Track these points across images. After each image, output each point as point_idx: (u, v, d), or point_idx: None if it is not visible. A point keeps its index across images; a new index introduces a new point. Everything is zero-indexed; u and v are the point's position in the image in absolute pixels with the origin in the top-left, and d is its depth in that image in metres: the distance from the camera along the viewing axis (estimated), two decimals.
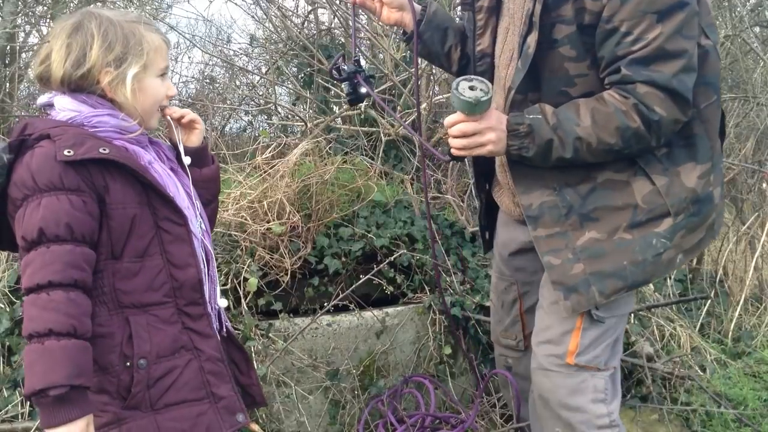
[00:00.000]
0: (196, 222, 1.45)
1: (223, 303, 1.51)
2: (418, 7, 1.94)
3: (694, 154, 1.66)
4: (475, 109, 1.56)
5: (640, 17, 1.50)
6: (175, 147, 1.53)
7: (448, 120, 1.62)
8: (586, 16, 1.56)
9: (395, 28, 4.19)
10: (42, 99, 1.42)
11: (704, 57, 1.61)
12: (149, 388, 1.32)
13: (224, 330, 1.50)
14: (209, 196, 1.56)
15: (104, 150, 1.29)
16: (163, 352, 1.34)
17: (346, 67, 1.89)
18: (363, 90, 1.89)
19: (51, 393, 1.17)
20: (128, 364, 1.30)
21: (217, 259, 2.47)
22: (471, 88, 1.56)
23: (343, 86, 1.99)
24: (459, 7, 2.06)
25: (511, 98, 1.68)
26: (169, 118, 1.51)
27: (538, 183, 1.70)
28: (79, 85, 1.37)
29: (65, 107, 1.37)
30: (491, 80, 1.83)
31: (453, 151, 1.65)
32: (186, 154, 1.51)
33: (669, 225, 1.64)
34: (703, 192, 1.66)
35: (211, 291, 1.46)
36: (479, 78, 1.59)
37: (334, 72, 1.90)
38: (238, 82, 4.88)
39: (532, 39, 1.60)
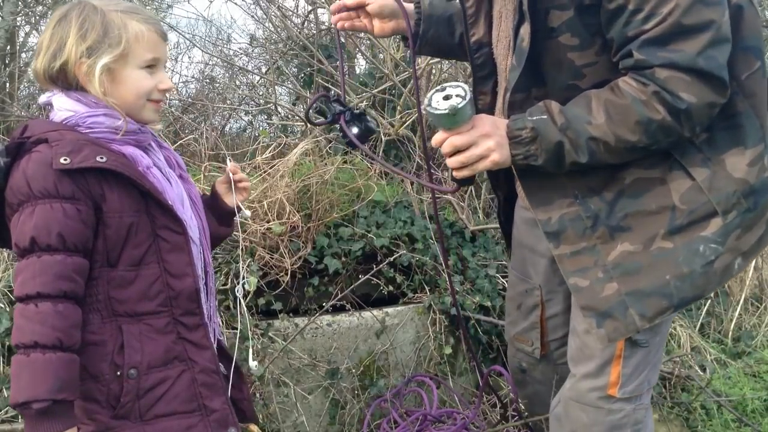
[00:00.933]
0: (197, 231, 1.43)
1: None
2: (410, 7, 1.76)
3: (740, 136, 1.39)
4: (456, 119, 1.36)
5: None
6: (215, 196, 1.61)
7: (434, 140, 1.41)
8: None
9: None
10: (42, 98, 1.39)
11: (738, 16, 1.34)
12: (139, 398, 1.30)
13: (216, 344, 1.47)
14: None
15: (102, 158, 1.26)
16: (155, 363, 1.32)
17: (334, 107, 1.68)
18: (354, 130, 1.66)
19: (33, 406, 1.17)
20: (119, 373, 1.28)
21: (217, 259, 2.47)
22: (445, 98, 1.37)
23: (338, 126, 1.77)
24: None
25: (509, 100, 1.47)
26: (231, 176, 1.58)
27: (555, 192, 1.47)
28: (62, 80, 1.33)
29: (62, 107, 1.34)
30: (493, 72, 1.65)
31: (454, 173, 1.43)
32: (225, 211, 1.60)
33: (718, 226, 1.38)
34: (757, 180, 1.39)
35: (210, 303, 1.45)
36: (451, 83, 1.40)
37: (311, 114, 1.68)
38: (238, 82, 4.88)
39: (525, 31, 1.38)
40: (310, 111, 1.72)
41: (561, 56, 1.40)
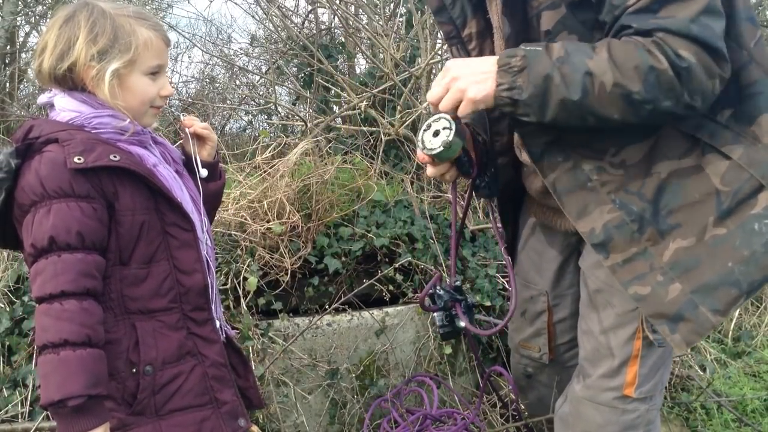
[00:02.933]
0: (202, 227, 1.44)
1: (204, 172, 1.50)
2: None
3: (764, 102, 1.34)
4: (453, 148, 1.39)
5: None
6: (186, 156, 1.53)
7: (419, 157, 1.41)
8: None
9: (395, 27, 4.22)
10: (42, 98, 1.39)
11: None
12: (155, 394, 1.31)
13: (223, 334, 1.49)
14: (209, 208, 1.54)
15: (115, 157, 1.27)
16: (169, 359, 1.34)
17: (441, 293, 1.59)
18: (461, 324, 1.58)
19: (69, 404, 1.17)
20: (134, 370, 1.30)
21: (217, 259, 2.47)
22: (435, 134, 1.39)
23: (434, 315, 1.65)
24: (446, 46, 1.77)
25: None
26: (186, 130, 1.51)
27: (592, 200, 1.40)
28: (67, 81, 1.33)
29: (65, 107, 1.34)
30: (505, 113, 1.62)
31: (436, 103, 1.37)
32: (204, 167, 1.51)
33: None
34: None
35: (215, 297, 1.46)
36: (432, 118, 1.40)
37: (426, 299, 1.58)
38: (238, 82, 4.89)
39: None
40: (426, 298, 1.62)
41: None
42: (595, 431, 1.55)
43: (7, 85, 4.46)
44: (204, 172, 1.51)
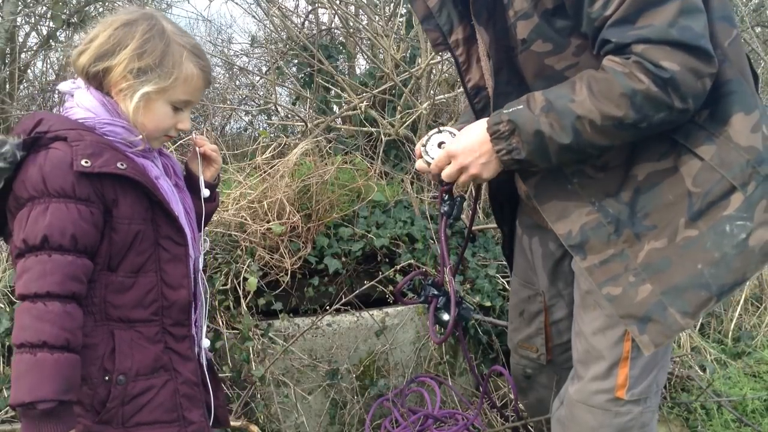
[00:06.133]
0: (190, 242, 1.43)
1: (205, 343, 1.50)
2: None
3: (737, 103, 1.33)
4: None
5: None
6: (187, 172, 1.54)
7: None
8: (546, 2, 1.31)
9: (395, 27, 4.22)
10: (65, 85, 1.38)
11: None
12: (124, 404, 1.30)
13: (204, 357, 1.48)
14: (198, 227, 1.54)
15: (122, 165, 1.27)
16: (143, 371, 1.32)
17: (425, 287, 1.67)
18: (444, 317, 1.64)
19: (39, 407, 1.16)
20: (107, 378, 1.28)
21: (217, 259, 2.47)
22: (440, 144, 1.51)
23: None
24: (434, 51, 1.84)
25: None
26: (197, 149, 1.52)
27: (570, 203, 1.43)
28: (97, 80, 1.32)
29: (83, 104, 1.33)
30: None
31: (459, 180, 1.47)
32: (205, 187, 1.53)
33: (740, 201, 1.31)
34: (764, 147, 1.32)
35: (198, 313, 1.45)
36: (442, 129, 1.50)
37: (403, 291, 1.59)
38: (238, 83, 4.89)
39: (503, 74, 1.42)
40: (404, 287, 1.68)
41: (540, 64, 1.38)
42: None
43: (7, 85, 4.46)
44: (206, 192, 1.52)
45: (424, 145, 1.52)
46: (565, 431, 1.62)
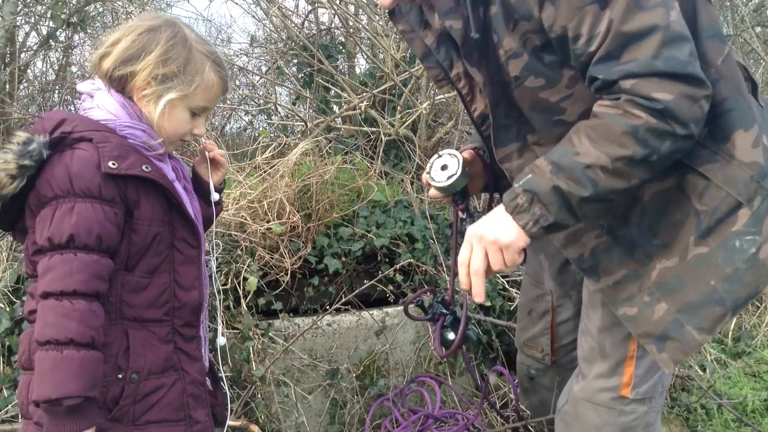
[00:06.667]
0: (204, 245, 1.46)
1: (221, 341, 1.54)
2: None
3: (736, 120, 1.34)
4: (450, 188, 1.51)
5: (580, 13, 1.22)
6: (194, 175, 1.57)
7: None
8: (535, 39, 1.32)
9: (395, 27, 4.21)
10: (85, 86, 1.40)
11: (692, 9, 1.32)
12: (135, 403, 1.32)
13: (206, 359, 1.51)
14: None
15: (147, 168, 1.30)
16: (155, 370, 1.35)
17: (434, 304, 1.66)
18: (450, 336, 1.63)
19: (65, 403, 1.18)
20: (120, 376, 1.30)
21: (217, 259, 2.47)
22: (443, 167, 1.51)
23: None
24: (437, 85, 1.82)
25: (502, 153, 1.49)
26: (207, 154, 1.54)
27: (580, 227, 1.43)
28: (120, 84, 1.34)
29: (104, 106, 1.35)
30: None
31: (476, 298, 1.43)
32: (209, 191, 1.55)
33: (747, 216, 1.33)
34: (767, 159, 1.34)
35: (204, 315, 1.48)
36: (447, 150, 1.51)
37: (413, 308, 1.54)
38: (238, 82, 4.88)
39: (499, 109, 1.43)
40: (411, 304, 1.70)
41: (535, 98, 1.39)
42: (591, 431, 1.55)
43: (7, 85, 4.46)
44: (216, 196, 1.55)
45: (429, 173, 1.53)
46: (569, 429, 1.62)
